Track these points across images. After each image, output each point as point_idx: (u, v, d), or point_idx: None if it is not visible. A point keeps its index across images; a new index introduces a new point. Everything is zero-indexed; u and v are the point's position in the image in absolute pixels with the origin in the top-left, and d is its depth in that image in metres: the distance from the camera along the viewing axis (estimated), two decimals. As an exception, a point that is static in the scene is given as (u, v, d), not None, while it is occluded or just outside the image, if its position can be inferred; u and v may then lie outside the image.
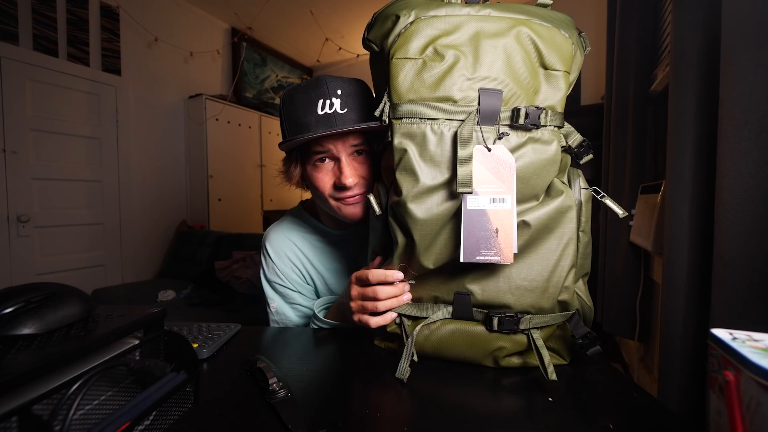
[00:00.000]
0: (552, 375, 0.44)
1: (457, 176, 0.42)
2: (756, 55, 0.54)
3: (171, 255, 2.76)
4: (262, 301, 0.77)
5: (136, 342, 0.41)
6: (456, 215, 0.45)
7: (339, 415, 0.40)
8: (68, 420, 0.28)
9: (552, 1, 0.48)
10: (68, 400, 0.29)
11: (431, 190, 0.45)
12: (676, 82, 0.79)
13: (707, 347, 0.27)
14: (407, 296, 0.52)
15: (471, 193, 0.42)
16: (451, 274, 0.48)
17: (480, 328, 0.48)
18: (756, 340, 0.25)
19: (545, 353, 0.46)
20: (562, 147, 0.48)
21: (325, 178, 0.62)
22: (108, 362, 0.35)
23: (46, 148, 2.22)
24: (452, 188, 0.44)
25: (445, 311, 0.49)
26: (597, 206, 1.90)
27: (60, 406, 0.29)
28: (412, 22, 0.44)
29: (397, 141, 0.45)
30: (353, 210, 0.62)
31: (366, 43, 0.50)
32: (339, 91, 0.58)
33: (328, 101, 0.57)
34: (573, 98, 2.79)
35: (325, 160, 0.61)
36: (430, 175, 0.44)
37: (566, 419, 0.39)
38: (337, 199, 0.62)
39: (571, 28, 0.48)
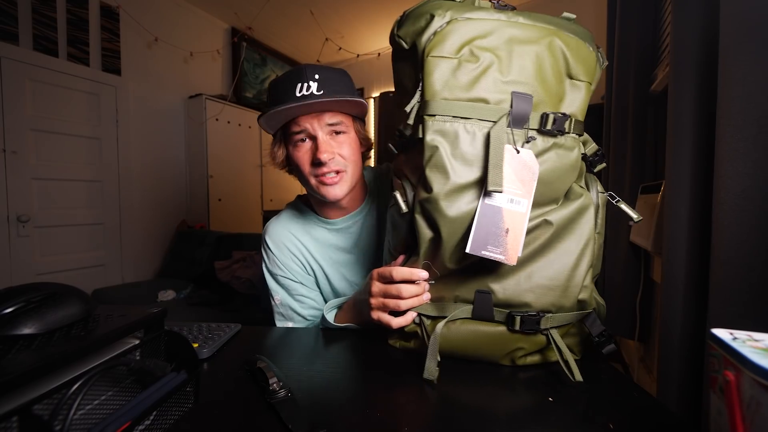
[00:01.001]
0: (578, 376, 0.44)
1: (489, 175, 0.42)
2: (754, 55, 0.54)
3: (171, 255, 2.76)
4: (263, 300, 0.77)
5: (137, 342, 0.41)
6: None
7: (339, 415, 0.40)
8: (69, 420, 0.28)
9: (575, 16, 0.50)
10: (69, 400, 0.29)
11: (462, 188, 0.45)
12: (676, 82, 0.79)
13: (706, 347, 0.27)
14: (427, 296, 0.52)
15: (501, 192, 0.43)
16: (472, 273, 0.49)
17: (501, 329, 0.48)
18: (756, 340, 0.25)
19: (568, 354, 0.46)
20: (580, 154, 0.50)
21: (304, 157, 0.65)
22: (108, 362, 0.35)
23: (46, 148, 2.22)
24: (482, 187, 0.45)
25: (465, 310, 0.49)
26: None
27: (60, 406, 0.29)
28: (448, 22, 0.44)
29: (429, 138, 0.45)
30: (333, 191, 0.65)
31: (395, 38, 0.50)
32: (316, 76, 0.62)
33: (305, 84, 0.61)
34: (573, 98, 2.78)
35: (305, 140, 0.64)
36: (461, 173, 0.45)
37: (566, 419, 0.39)
38: (316, 177, 0.65)
39: (593, 43, 0.50)
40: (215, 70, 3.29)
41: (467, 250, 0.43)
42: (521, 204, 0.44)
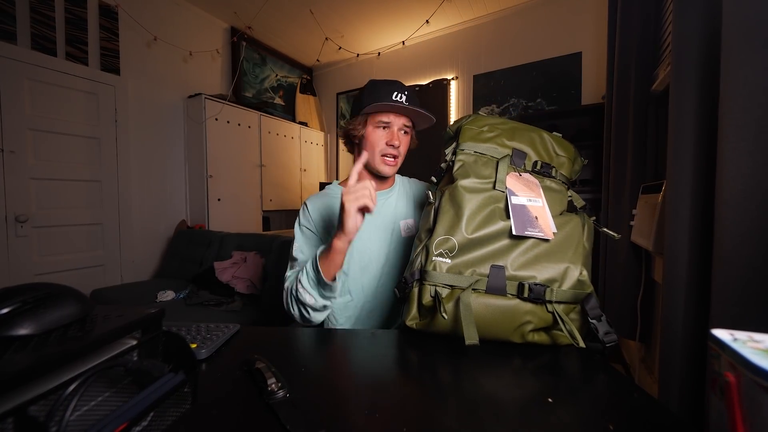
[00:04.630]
0: (581, 342, 0.53)
1: (497, 180, 0.66)
2: (756, 54, 0.53)
3: (170, 255, 2.75)
4: (263, 302, 0.77)
5: (134, 342, 0.41)
6: (496, 204, 0.64)
7: (338, 415, 0.40)
8: (65, 421, 0.28)
9: (561, 134, 0.75)
10: (65, 401, 0.29)
11: (477, 183, 0.66)
12: (677, 82, 0.79)
13: (708, 348, 0.27)
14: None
15: (503, 191, 0.65)
16: (486, 254, 0.60)
17: (512, 302, 0.57)
18: (756, 341, 0.24)
19: (571, 324, 0.55)
20: (568, 203, 0.68)
21: (380, 138, 0.91)
22: (105, 363, 0.35)
23: (45, 148, 2.21)
24: (491, 186, 0.66)
25: (481, 282, 0.59)
26: (598, 210, 1.90)
27: (57, 407, 0.29)
28: (477, 117, 0.75)
29: (459, 158, 0.70)
30: (387, 169, 0.93)
31: (446, 131, 0.80)
32: (407, 92, 0.90)
33: (400, 94, 0.89)
34: (573, 98, 2.79)
35: (383, 128, 0.91)
36: (476, 178, 0.67)
37: (566, 419, 0.39)
38: (383, 155, 0.91)
39: (573, 146, 0.74)
40: (215, 70, 3.29)
41: (514, 232, 0.59)
42: (538, 201, 0.64)
